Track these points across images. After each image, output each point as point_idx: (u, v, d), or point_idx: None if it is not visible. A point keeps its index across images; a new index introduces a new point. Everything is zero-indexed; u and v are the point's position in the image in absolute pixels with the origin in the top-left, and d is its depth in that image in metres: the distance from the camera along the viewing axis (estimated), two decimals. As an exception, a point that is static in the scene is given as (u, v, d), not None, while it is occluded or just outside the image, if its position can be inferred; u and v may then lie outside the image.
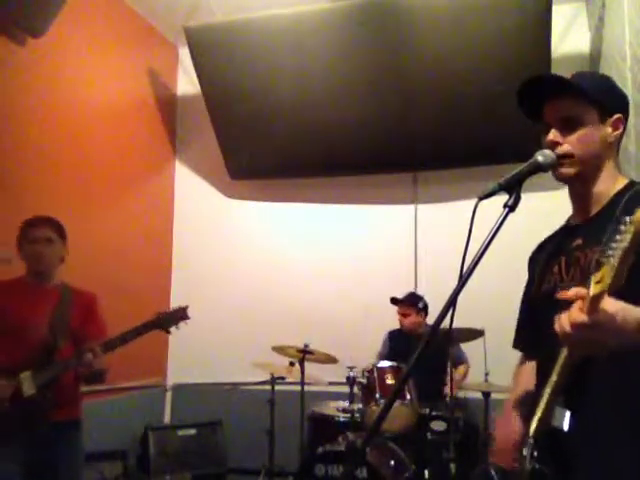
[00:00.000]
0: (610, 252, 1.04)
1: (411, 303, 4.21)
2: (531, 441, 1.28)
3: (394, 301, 4.25)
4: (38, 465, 2.48)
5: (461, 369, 4.15)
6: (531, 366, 1.60)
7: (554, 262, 1.47)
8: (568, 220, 1.55)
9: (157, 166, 5.36)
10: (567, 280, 1.41)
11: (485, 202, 1.26)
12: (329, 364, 3.87)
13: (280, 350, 3.86)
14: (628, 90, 3.24)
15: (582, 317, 1.06)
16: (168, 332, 2.72)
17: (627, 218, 1.02)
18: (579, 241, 1.41)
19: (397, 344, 4.26)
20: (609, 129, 1.40)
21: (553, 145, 1.38)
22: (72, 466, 2.64)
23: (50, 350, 2.50)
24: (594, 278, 1.06)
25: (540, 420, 1.27)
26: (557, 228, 1.60)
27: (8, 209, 2.57)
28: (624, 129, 1.43)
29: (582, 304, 1.08)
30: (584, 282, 1.33)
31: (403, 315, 4.21)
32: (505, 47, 4.17)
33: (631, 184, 1.42)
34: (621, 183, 1.43)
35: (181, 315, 2.75)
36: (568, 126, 1.38)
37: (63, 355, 2.52)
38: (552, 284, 1.45)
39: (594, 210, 1.42)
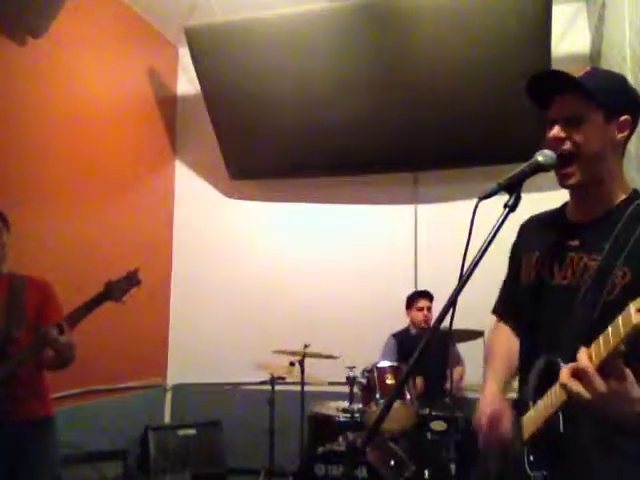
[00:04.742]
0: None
1: (432, 298, 4.24)
2: (526, 447, 1.28)
3: (421, 294, 4.24)
4: (3, 473, 2.27)
5: (459, 370, 4.15)
6: (507, 334, 1.63)
7: (547, 255, 1.46)
8: (565, 210, 1.52)
9: (157, 166, 5.36)
10: (558, 278, 1.41)
11: (485, 202, 1.26)
12: (329, 360, 3.86)
13: (280, 350, 3.86)
14: (628, 90, 3.24)
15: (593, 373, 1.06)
16: (119, 301, 2.43)
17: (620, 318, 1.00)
18: (576, 242, 1.40)
19: (408, 346, 4.19)
20: (614, 131, 1.37)
21: (556, 141, 1.36)
22: (43, 471, 2.39)
23: (4, 342, 2.31)
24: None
25: (538, 431, 1.26)
26: (553, 210, 1.57)
27: (7, 208, 2.55)
28: (632, 131, 1.40)
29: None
30: (574, 282, 1.35)
31: (428, 309, 4.21)
32: (505, 47, 4.17)
33: (635, 194, 1.41)
34: (625, 190, 1.41)
35: (131, 281, 2.47)
36: (572, 124, 1.35)
37: (21, 346, 2.32)
38: (542, 278, 1.45)
39: (595, 213, 1.40)
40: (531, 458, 1.26)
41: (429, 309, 4.21)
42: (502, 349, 1.62)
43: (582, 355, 1.08)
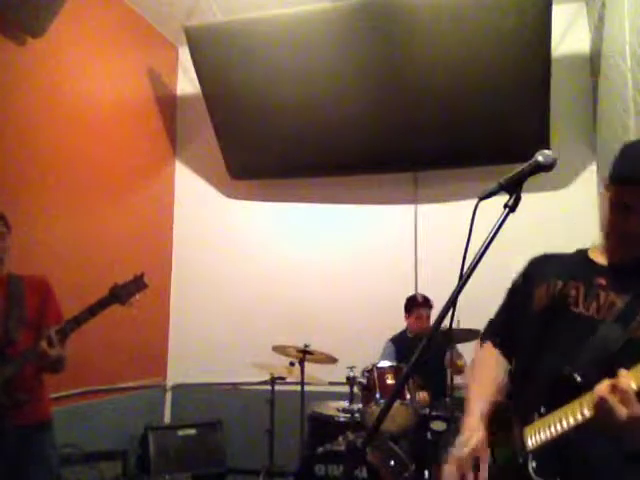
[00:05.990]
0: None
1: (431, 307, 4.19)
2: (530, 455, 1.26)
3: (422, 303, 4.18)
4: (4, 474, 2.28)
5: (460, 362, 4.12)
6: (494, 354, 1.62)
7: (570, 283, 1.45)
8: (587, 254, 1.51)
9: (157, 166, 5.36)
10: (582, 308, 1.41)
11: (485, 202, 1.26)
12: (329, 364, 3.87)
13: (280, 350, 3.86)
14: (628, 90, 3.24)
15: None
16: (124, 304, 2.45)
17: None
18: (602, 280, 1.41)
19: (406, 349, 4.15)
20: None
21: (635, 236, 1.35)
22: (43, 471, 2.41)
23: (3, 344, 2.31)
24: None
25: (547, 442, 1.24)
26: (568, 252, 1.57)
27: (8, 208, 2.55)
28: None
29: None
30: (598, 315, 1.35)
31: (427, 318, 4.15)
32: (505, 47, 4.17)
33: None
34: None
35: (138, 285, 2.49)
36: None
37: (20, 348, 2.33)
38: (564, 304, 1.44)
39: (626, 258, 1.41)
40: (534, 464, 1.25)
41: (428, 318, 4.15)
42: (489, 368, 1.60)
43: (624, 376, 1.09)
